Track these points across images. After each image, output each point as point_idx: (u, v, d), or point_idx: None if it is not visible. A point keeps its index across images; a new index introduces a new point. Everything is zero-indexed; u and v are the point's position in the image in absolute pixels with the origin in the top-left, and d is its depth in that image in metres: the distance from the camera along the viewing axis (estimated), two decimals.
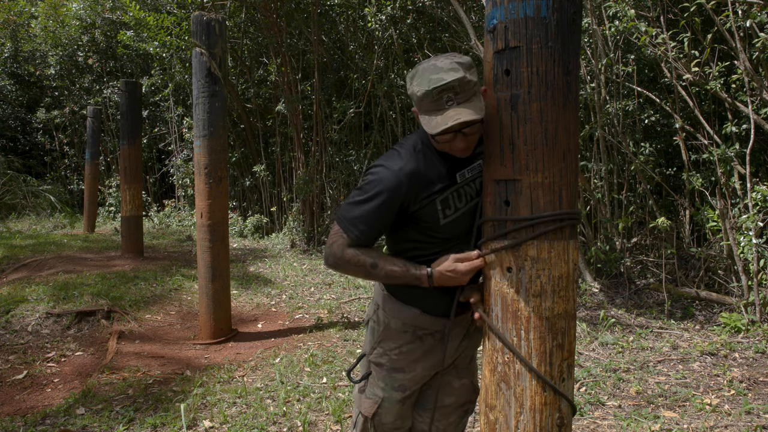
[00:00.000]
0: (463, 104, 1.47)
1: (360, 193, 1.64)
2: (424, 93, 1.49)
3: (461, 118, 1.45)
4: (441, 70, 1.48)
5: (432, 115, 1.51)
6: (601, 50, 5.36)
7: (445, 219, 1.66)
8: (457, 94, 1.47)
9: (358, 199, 1.64)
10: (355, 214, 1.64)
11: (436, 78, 1.48)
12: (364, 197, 1.63)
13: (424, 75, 1.51)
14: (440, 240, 1.69)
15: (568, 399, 1.51)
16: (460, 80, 1.46)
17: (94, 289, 5.35)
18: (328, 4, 8.31)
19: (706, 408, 3.16)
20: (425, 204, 1.64)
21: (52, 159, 13.69)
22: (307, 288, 6.06)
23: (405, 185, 1.60)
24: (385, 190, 1.60)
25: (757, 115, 4.69)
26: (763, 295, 4.41)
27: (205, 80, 4.30)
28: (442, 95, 1.47)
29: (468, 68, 1.49)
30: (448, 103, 1.48)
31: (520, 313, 1.48)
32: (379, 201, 1.61)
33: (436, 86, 1.47)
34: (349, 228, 1.65)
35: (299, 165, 8.61)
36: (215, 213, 4.38)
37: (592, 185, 5.94)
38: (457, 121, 1.45)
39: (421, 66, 1.54)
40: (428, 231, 1.68)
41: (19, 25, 12.91)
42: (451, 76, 1.46)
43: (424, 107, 1.53)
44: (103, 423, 3.02)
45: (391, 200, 1.61)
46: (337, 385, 3.49)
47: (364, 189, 1.64)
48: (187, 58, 8.91)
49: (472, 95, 1.49)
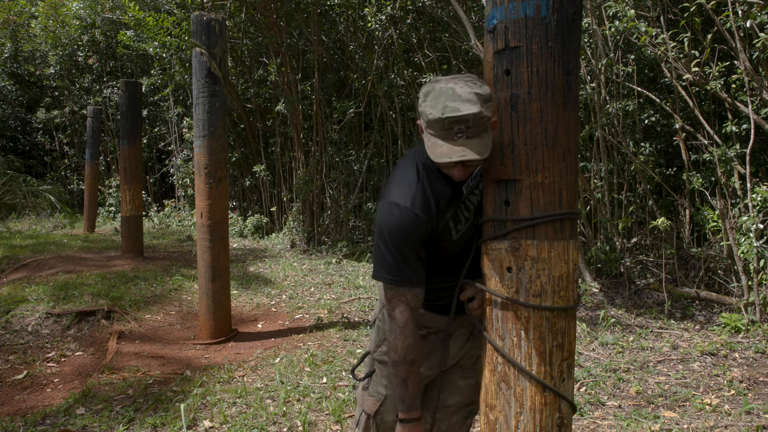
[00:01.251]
0: (473, 139, 1.42)
1: (386, 243, 1.60)
2: (436, 119, 1.43)
3: (466, 156, 1.41)
4: (458, 99, 1.41)
5: (438, 141, 1.46)
6: (601, 50, 5.36)
7: (457, 234, 1.67)
8: (469, 128, 1.41)
9: (386, 249, 1.61)
10: (394, 265, 1.60)
11: (452, 107, 1.41)
12: (393, 245, 1.59)
13: (440, 98, 1.44)
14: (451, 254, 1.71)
15: (567, 399, 1.51)
16: (475, 115, 1.39)
17: (94, 289, 5.35)
18: (328, 4, 8.31)
19: (706, 408, 3.16)
20: (442, 229, 1.64)
21: (52, 159, 13.68)
22: (307, 288, 6.06)
23: (423, 219, 1.58)
24: (410, 230, 1.58)
25: (757, 115, 4.69)
26: (763, 295, 4.41)
27: (205, 80, 4.30)
28: (454, 126, 1.41)
29: (485, 101, 1.42)
30: (458, 135, 1.42)
31: (520, 313, 1.48)
32: (408, 242, 1.59)
33: (450, 116, 1.41)
34: (399, 281, 1.61)
35: (299, 165, 8.61)
36: (215, 213, 4.38)
37: (592, 185, 5.94)
38: (462, 159, 1.42)
39: (439, 85, 1.47)
40: (443, 250, 1.69)
41: (19, 25, 12.90)
42: (467, 109, 1.39)
43: (432, 130, 1.48)
44: (103, 423, 3.02)
45: (417, 236, 1.59)
46: (337, 385, 3.49)
47: (388, 237, 1.60)
48: (187, 58, 8.90)
49: (483, 131, 1.43)
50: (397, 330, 1.63)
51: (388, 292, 1.63)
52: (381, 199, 1.66)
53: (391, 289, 1.62)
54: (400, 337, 1.63)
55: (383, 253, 1.61)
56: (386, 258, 1.60)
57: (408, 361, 1.64)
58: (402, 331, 1.63)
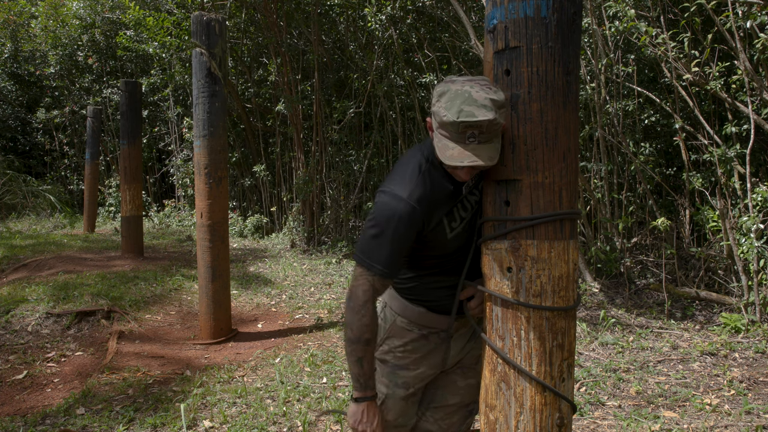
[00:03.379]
0: (484, 144, 1.43)
1: (375, 228, 1.60)
2: (451, 122, 1.43)
3: (477, 162, 1.41)
4: (474, 104, 1.40)
5: (449, 143, 1.46)
6: (601, 50, 5.36)
7: (452, 233, 1.66)
8: (482, 134, 1.42)
9: (373, 233, 1.60)
10: (374, 250, 1.61)
11: (467, 111, 1.40)
12: (380, 231, 1.59)
13: (455, 101, 1.43)
14: (444, 254, 1.70)
15: (567, 399, 1.51)
16: (490, 122, 1.39)
17: (94, 289, 5.35)
18: (328, 4, 8.31)
19: (706, 408, 3.16)
20: (435, 225, 1.63)
21: (52, 159, 13.68)
22: (307, 288, 6.06)
23: (418, 212, 1.58)
24: (400, 221, 1.57)
25: (757, 115, 4.69)
26: (763, 295, 4.41)
27: (205, 80, 4.30)
28: (467, 131, 1.42)
29: (500, 107, 1.42)
30: (470, 140, 1.43)
31: (520, 313, 1.48)
32: (396, 233, 1.58)
33: (465, 120, 1.40)
34: (372, 265, 1.61)
35: (299, 165, 8.61)
36: (215, 213, 4.38)
37: (592, 185, 5.94)
38: (472, 164, 1.42)
39: (455, 87, 1.46)
40: (436, 248, 1.68)
41: (19, 25, 12.91)
42: (482, 115, 1.39)
43: (444, 131, 1.48)
44: (103, 423, 3.02)
45: (407, 229, 1.58)
46: (337, 385, 3.49)
47: (378, 223, 1.60)
48: (187, 58, 8.91)
49: (494, 136, 1.44)
50: (356, 308, 1.65)
51: (359, 270, 1.65)
52: (381, 186, 1.67)
53: (363, 271, 1.64)
54: (356, 316, 1.65)
55: (369, 236, 1.62)
56: (371, 242, 1.61)
57: (363, 340, 1.66)
58: (360, 309, 1.64)
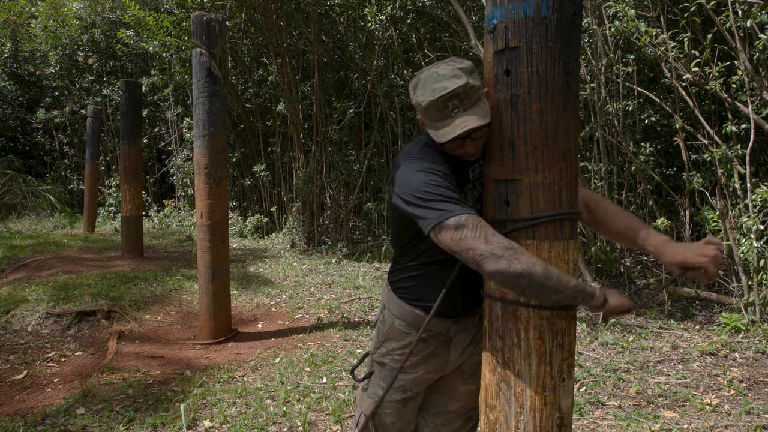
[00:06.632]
0: (469, 110, 1.46)
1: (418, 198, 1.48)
2: (429, 103, 1.48)
3: (469, 125, 1.44)
4: (444, 78, 1.46)
5: (439, 123, 1.49)
6: (601, 50, 5.36)
7: None
8: (463, 101, 1.46)
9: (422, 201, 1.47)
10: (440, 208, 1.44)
11: (439, 87, 1.46)
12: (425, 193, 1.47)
13: (426, 84, 1.49)
14: None
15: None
16: (464, 87, 1.44)
17: (94, 289, 5.35)
18: (328, 4, 8.31)
19: (706, 408, 3.16)
20: None
21: (52, 159, 13.69)
22: (307, 288, 6.06)
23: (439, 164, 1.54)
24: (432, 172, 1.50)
25: (757, 115, 4.69)
26: (763, 295, 4.41)
27: (205, 80, 4.30)
28: (448, 103, 1.46)
29: (470, 73, 1.47)
30: (454, 111, 1.46)
31: (520, 312, 1.48)
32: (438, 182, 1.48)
33: (440, 95, 1.45)
34: (455, 217, 1.42)
35: (299, 165, 8.61)
36: (215, 213, 4.38)
37: (592, 185, 5.94)
38: (465, 129, 1.44)
39: (423, 75, 1.52)
40: None
41: (19, 25, 12.90)
42: (454, 84, 1.44)
43: (430, 116, 1.51)
44: (103, 423, 3.02)
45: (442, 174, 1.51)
46: (337, 385, 3.49)
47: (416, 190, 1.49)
48: (187, 58, 8.90)
49: (477, 100, 1.47)
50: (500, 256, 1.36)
51: (457, 235, 1.41)
52: (394, 168, 1.62)
53: (459, 231, 1.41)
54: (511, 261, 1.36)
55: (423, 207, 1.48)
56: (429, 208, 1.46)
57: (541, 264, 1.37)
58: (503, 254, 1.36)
